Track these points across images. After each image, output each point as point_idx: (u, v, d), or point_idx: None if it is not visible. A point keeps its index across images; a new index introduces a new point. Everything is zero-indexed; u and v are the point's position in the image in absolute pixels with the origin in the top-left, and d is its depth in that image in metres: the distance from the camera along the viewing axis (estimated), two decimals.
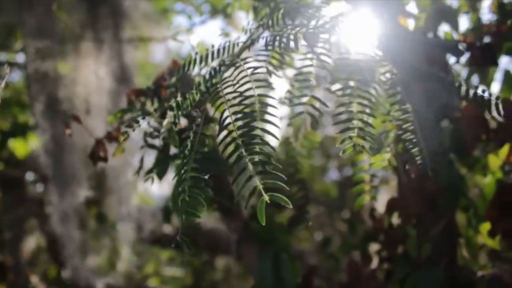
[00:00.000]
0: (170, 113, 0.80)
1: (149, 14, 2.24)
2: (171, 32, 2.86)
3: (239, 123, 0.66)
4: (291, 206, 0.63)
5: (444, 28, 1.36)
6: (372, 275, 1.24)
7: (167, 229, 2.38)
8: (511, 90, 1.53)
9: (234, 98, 0.70)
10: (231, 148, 0.65)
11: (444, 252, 1.28)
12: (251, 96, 0.69)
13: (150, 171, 1.09)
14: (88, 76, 2.06)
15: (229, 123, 0.67)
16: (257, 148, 0.63)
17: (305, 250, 2.60)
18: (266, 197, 0.60)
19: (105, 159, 1.23)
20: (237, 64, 0.75)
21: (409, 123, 0.80)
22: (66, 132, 1.29)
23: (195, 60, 0.87)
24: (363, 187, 1.02)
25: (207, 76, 0.78)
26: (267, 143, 0.65)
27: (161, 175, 1.16)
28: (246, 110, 0.67)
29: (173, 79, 1.13)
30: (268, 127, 0.66)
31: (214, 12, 2.87)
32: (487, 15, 1.62)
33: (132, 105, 1.19)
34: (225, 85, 0.73)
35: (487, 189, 1.41)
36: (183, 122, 1.12)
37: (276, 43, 0.76)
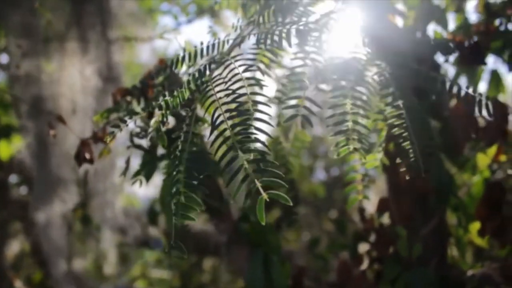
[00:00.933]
0: (158, 112, 0.78)
1: (135, 13, 2.21)
2: (157, 32, 2.83)
3: (232, 121, 0.64)
4: (291, 203, 0.62)
5: (432, 27, 1.36)
6: (362, 276, 1.23)
7: (154, 231, 2.36)
8: (497, 90, 1.54)
9: (226, 96, 0.68)
10: (224, 147, 0.64)
11: (434, 252, 1.28)
12: (244, 94, 0.67)
13: (137, 173, 1.07)
14: (74, 76, 2.02)
15: (222, 121, 0.65)
16: (252, 146, 0.62)
17: (293, 250, 2.59)
18: (265, 196, 0.59)
19: (90, 161, 1.21)
20: (228, 62, 0.74)
21: (402, 121, 0.79)
22: (50, 133, 1.26)
23: (183, 58, 0.85)
24: (355, 187, 1.02)
25: (196, 74, 0.76)
26: (261, 141, 0.63)
27: (148, 177, 1.14)
28: (240, 108, 0.65)
29: (160, 78, 1.11)
30: (261, 126, 0.65)
31: (200, 12, 2.85)
32: (472, 15, 1.63)
33: (118, 104, 1.17)
34: (216, 84, 0.71)
35: (475, 188, 1.42)
36: (171, 121, 1.10)
37: (268, 40, 0.74)
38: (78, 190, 2.13)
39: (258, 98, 0.67)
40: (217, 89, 0.71)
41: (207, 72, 0.76)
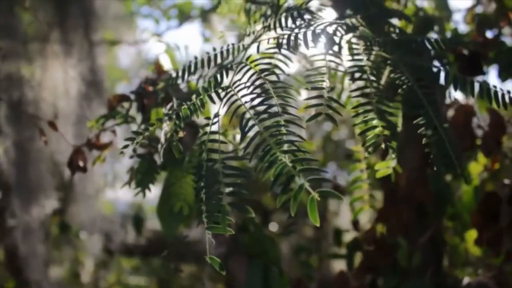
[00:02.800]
0: (169, 122, 0.74)
1: (120, 16, 2.16)
2: (140, 35, 2.78)
3: (266, 123, 0.62)
4: (343, 199, 0.59)
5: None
6: (360, 286, 1.22)
7: (140, 239, 2.30)
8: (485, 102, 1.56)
9: (252, 101, 0.66)
10: (260, 151, 0.61)
11: (430, 261, 1.28)
12: (270, 97, 0.65)
13: (140, 183, 1.02)
14: (56, 79, 1.96)
15: (253, 125, 0.63)
16: (292, 147, 0.60)
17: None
18: (315, 195, 0.56)
19: (84, 169, 1.16)
20: (247, 67, 0.72)
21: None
22: (41, 139, 1.21)
23: (195, 65, 0.82)
24: (361, 197, 1.00)
25: (212, 81, 0.73)
26: (297, 142, 0.61)
27: (148, 185, 1.10)
28: (269, 111, 0.63)
29: (161, 85, 1.08)
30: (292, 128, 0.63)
31: (183, 16, 2.82)
32: (461, 25, 1.66)
33: (113, 111, 1.13)
34: (238, 89, 0.69)
35: (466, 196, 1.43)
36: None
37: (292, 43, 0.73)
38: (57, 195, 2.06)
39: (285, 100, 0.66)
40: (240, 94, 0.68)
41: (224, 78, 0.74)
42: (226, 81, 0.74)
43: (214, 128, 0.68)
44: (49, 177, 1.90)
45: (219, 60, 0.83)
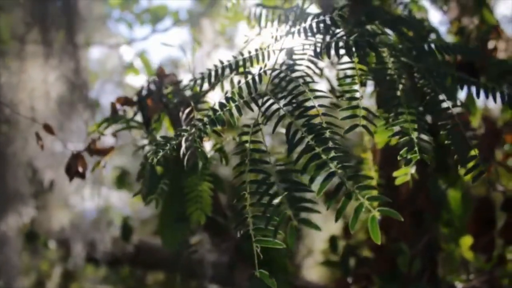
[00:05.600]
0: (194, 128, 0.72)
1: (102, 18, 2.10)
2: (112, 38, 2.72)
3: (313, 135, 0.61)
4: (402, 219, 0.59)
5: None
6: None
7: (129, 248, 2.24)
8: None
9: (294, 109, 0.65)
10: (313, 164, 0.60)
11: (426, 266, 1.30)
12: (312, 107, 0.65)
13: (150, 193, 0.98)
14: (35, 81, 1.88)
15: (303, 137, 0.61)
16: (344, 160, 0.59)
17: None
18: (376, 214, 0.56)
19: (83, 175, 1.11)
20: (283, 74, 0.71)
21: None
22: (38, 144, 1.16)
23: (222, 69, 0.81)
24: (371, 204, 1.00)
25: (244, 87, 0.72)
26: (349, 154, 0.61)
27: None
28: (312, 121, 0.63)
29: (170, 89, 1.05)
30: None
31: (156, 21, 2.78)
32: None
33: (116, 114, 1.09)
34: (277, 97, 0.68)
35: (453, 203, 1.47)
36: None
37: (323, 51, 0.73)
38: (35, 203, 1.97)
39: (325, 109, 0.65)
40: (280, 102, 0.67)
41: (257, 85, 0.72)
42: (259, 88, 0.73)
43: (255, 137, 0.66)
44: (26, 184, 1.81)
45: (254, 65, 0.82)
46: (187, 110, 0.85)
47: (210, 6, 1.58)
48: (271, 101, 0.68)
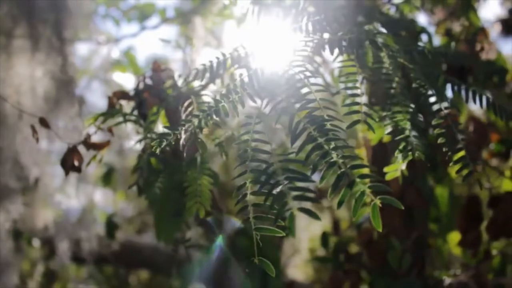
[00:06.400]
0: (194, 120, 0.73)
1: (89, 13, 2.09)
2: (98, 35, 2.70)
3: (315, 126, 0.62)
4: (402, 208, 0.61)
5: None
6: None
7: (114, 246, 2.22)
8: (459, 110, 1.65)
9: (296, 103, 0.66)
10: (315, 155, 0.61)
11: (415, 262, 1.33)
12: (313, 100, 0.66)
13: (145, 186, 0.98)
14: (21, 76, 1.86)
15: (305, 129, 0.63)
16: (346, 152, 0.61)
17: None
18: (377, 202, 0.58)
19: (79, 169, 1.11)
20: (285, 69, 0.72)
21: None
22: (33, 136, 1.15)
23: (223, 63, 0.81)
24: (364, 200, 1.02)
25: (246, 80, 0.73)
26: (349, 145, 0.62)
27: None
28: (314, 114, 0.64)
29: (168, 83, 1.06)
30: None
31: (143, 18, 2.77)
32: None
33: (113, 108, 1.09)
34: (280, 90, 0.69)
35: (441, 199, 1.50)
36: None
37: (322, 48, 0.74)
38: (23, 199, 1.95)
39: (326, 102, 0.67)
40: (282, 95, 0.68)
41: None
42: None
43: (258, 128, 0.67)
44: (14, 180, 1.79)
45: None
46: (186, 103, 0.86)
47: (203, 4, 1.59)
48: (273, 94, 0.69)
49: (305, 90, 0.67)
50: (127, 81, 3.23)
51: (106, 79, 2.82)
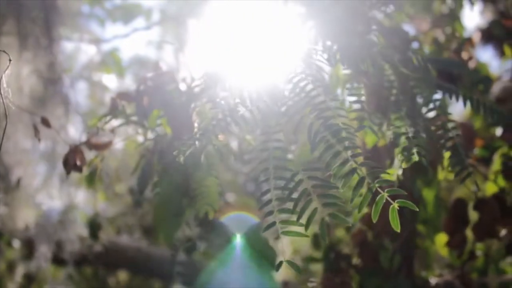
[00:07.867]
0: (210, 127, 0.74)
1: (75, 13, 2.07)
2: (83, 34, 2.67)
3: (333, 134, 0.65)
4: (417, 210, 0.64)
5: None
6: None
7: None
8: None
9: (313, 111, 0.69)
10: (335, 161, 0.64)
11: (404, 262, 1.37)
12: (328, 109, 0.69)
13: (145, 186, 0.99)
14: (7, 74, 1.83)
15: (323, 137, 0.65)
16: (360, 159, 0.64)
17: None
18: (395, 205, 0.61)
19: (80, 169, 1.11)
20: (297, 78, 0.74)
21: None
22: (36, 136, 1.14)
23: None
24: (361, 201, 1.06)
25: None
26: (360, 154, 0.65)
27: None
28: (329, 122, 0.67)
29: (171, 86, 1.07)
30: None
31: (129, 17, 2.76)
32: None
33: (115, 109, 1.10)
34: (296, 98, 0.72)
35: (429, 201, 1.55)
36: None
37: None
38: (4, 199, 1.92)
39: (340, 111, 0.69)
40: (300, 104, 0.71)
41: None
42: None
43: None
44: None
45: None
46: (196, 108, 0.88)
47: (196, 6, 1.60)
48: (290, 103, 0.71)
49: (320, 99, 0.70)
50: (111, 82, 3.20)
51: (90, 79, 2.80)
